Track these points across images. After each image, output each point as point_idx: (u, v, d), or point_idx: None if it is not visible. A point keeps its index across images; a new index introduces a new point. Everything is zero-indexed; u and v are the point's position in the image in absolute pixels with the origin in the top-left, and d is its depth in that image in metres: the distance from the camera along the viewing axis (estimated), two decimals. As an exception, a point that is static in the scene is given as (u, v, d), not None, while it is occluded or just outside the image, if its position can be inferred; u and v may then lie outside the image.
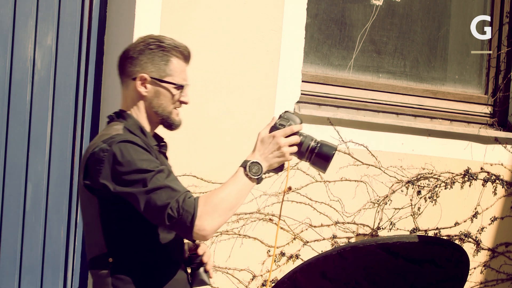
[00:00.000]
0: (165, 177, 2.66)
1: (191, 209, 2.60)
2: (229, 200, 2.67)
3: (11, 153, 4.51)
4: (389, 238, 3.10)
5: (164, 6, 4.56)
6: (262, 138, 2.79)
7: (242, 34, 4.75)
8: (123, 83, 2.89)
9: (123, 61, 2.87)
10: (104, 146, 2.71)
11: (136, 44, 2.85)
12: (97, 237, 2.76)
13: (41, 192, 4.57)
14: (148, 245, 2.77)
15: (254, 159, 2.75)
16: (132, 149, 2.69)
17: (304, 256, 4.97)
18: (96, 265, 2.78)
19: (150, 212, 2.63)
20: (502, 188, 5.46)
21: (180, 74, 2.87)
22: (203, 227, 2.62)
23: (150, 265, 2.76)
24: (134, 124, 2.84)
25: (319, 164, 2.86)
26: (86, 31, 4.64)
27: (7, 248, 4.52)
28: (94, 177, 2.71)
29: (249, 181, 2.72)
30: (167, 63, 2.84)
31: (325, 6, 5.21)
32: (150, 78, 2.83)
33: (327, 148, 2.85)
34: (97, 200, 2.74)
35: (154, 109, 2.86)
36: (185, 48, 2.88)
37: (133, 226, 2.74)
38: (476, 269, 5.41)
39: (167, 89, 2.85)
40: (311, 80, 5.09)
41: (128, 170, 2.65)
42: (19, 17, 4.50)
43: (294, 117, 2.86)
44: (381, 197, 5.16)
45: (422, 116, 5.36)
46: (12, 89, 4.50)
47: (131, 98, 2.86)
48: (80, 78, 4.62)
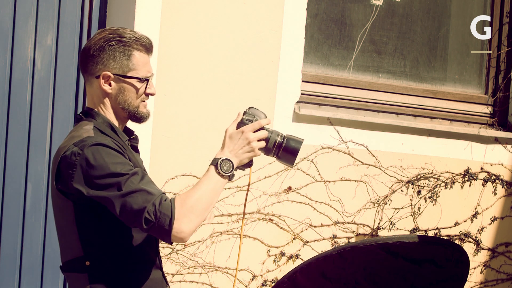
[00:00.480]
0: (139, 179, 2.63)
1: (169, 212, 2.58)
2: (204, 200, 2.64)
3: (11, 153, 4.51)
4: (389, 238, 3.10)
5: (164, 6, 4.56)
6: (230, 134, 2.76)
7: (242, 34, 4.75)
8: (87, 81, 2.84)
9: (84, 59, 2.82)
10: (76, 149, 2.67)
11: (96, 40, 2.80)
12: (73, 241, 2.73)
13: (41, 192, 4.57)
14: (123, 246, 2.74)
15: (224, 156, 2.72)
16: (104, 152, 2.66)
17: (304, 256, 4.97)
18: (72, 268, 2.76)
19: (126, 216, 2.60)
20: (502, 188, 5.46)
21: (143, 67, 2.82)
22: (181, 230, 2.58)
23: (127, 266, 2.75)
24: (104, 123, 2.81)
25: (286, 159, 2.85)
26: (86, 31, 4.64)
27: (7, 248, 4.52)
28: (67, 181, 2.67)
29: (221, 179, 2.70)
30: (129, 58, 2.80)
31: (325, 6, 5.21)
32: (113, 75, 2.79)
33: (294, 143, 2.84)
34: (71, 204, 2.71)
35: (121, 105, 2.82)
36: (146, 39, 2.83)
37: (109, 228, 2.72)
38: (476, 269, 5.41)
39: (131, 84, 2.81)
40: (311, 80, 5.09)
41: (102, 174, 2.62)
42: (19, 17, 4.50)
43: (259, 112, 2.84)
44: (381, 197, 5.16)
45: (422, 116, 5.36)
46: (12, 89, 4.50)
47: (97, 96, 2.83)
48: (80, 78, 4.63)
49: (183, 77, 4.64)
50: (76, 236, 2.72)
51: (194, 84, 4.67)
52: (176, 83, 4.63)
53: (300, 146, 2.83)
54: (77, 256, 2.73)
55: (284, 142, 2.84)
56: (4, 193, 4.51)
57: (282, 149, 2.83)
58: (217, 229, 4.75)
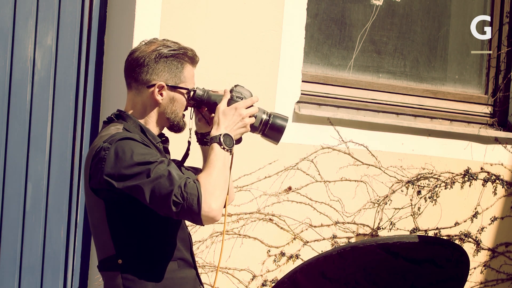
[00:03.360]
0: (165, 166, 2.70)
1: (195, 191, 2.65)
2: (221, 177, 2.72)
3: (11, 153, 4.51)
4: (389, 238, 3.10)
5: (164, 6, 4.56)
6: (223, 111, 2.85)
7: (242, 34, 4.76)
8: (134, 89, 2.92)
9: (135, 68, 2.89)
10: (105, 145, 2.74)
11: (149, 51, 2.89)
12: (105, 239, 2.79)
13: (41, 192, 4.57)
14: (156, 244, 2.79)
15: (221, 132, 2.81)
16: (132, 144, 2.73)
17: (304, 256, 4.97)
18: (106, 266, 2.81)
19: (156, 202, 2.67)
20: (502, 188, 5.46)
21: (191, 80, 2.94)
22: (210, 208, 2.65)
23: (159, 264, 2.79)
24: (134, 124, 2.88)
25: (272, 136, 2.93)
26: (86, 31, 4.64)
27: (7, 248, 4.52)
28: (98, 176, 2.73)
29: (227, 154, 2.79)
30: (182, 71, 2.91)
31: (325, 6, 5.21)
32: (166, 86, 2.89)
33: (280, 120, 2.92)
34: (103, 203, 2.77)
35: (167, 115, 2.92)
36: (195, 54, 2.96)
37: (140, 227, 2.78)
38: (476, 269, 5.41)
39: (182, 95, 2.92)
40: (311, 80, 5.09)
41: (130, 163, 2.69)
42: (19, 17, 4.50)
43: (245, 90, 2.93)
44: (381, 197, 5.16)
45: (422, 116, 5.36)
46: (12, 89, 4.50)
47: (142, 103, 2.91)
48: (80, 78, 4.63)
49: (183, 77, 4.64)
50: (108, 234, 2.78)
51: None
52: (176, 83, 4.62)
53: (286, 124, 2.91)
54: (110, 254, 2.79)
55: (271, 119, 2.92)
56: (4, 193, 4.51)
57: (268, 126, 2.91)
58: (217, 229, 4.75)
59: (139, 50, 2.90)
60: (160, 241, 2.80)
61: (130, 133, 2.83)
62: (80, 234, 4.64)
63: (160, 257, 2.80)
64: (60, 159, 4.59)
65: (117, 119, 2.92)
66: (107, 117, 2.96)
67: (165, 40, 2.94)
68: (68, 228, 4.62)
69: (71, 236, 4.62)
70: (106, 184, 2.72)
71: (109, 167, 2.70)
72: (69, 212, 4.62)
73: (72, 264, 4.62)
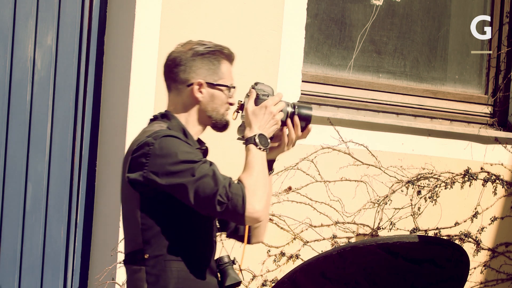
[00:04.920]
0: (209, 166, 2.74)
1: (239, 191, 2.69)
2: (261, 176, 2.76)
3: (11, 153, 4.50)
4: (389, 238, 3.10)
5: (164, 6, 4.56)
6: (253, 111, 2.89)
7: (242, 34, 4.76)
8: (174, 89, 2.95)
9: (173, 69, 2.93)
10: (149, 140, 2.78)
11: (185, 51, 2.93)
12: (134, 233, 2.82)
13: (41, 192, 4.57)
14: (184, 246, 2.81)
15: (255, 132, 2.85)
16: (177, 142, 2.77)
17: (304, 256, 4.97)
18: (132, 260, 2.84)
19: (199, 200, 2.70)
20: (502, 188, 5.46)
21: (229, 76, 2.97)
22: (254, 209, 2.70)
23: (184, 265, 2.81)
24: (177, 126, 2.91)
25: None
26: (86, 31, 4.64)
27: (7, 248, 4.52)
28: (139, 170, 2.76)
29: (263, 153, 2.83)
30: (219, 67, 2.94)
31: (325, 6, 5.21)
32: (205, 83, 2.91)
33: (304, 110, 2.95)
34: (139, 196, 2.79)
35: (208, 113, 2.94)
36: (230, 51, 2.99)
37: (172, 225, 2.80)
38: (476, 269, 5.41)
39: (221, 91, 2.94)
40: (311, 80, 5.10)
41: (175, 161, 2.72)
42: (19, 17, 4.50)
43: (266, 86, 2.95)
44: (381, 197, 5.16)
45: (422, 116, 5.36)
46: (12, 89, 4.50)
47: (183, 102, 2.94)
48: (80, 78, 4.62)
49: (183, 77, 4.64)
50: (138, 228, 2.80)
51: (194, 84, 4.67)
52: (176, 83, 4.62)
53: (311, 112, 2.94)
54: (137, 248, 2.81)
55: (296, 110, 2.95)
56: (4, 193, 4.51)
57: (295, 118, 2.94)
58: (217, 229, 4.75)
59: (176, 51, 2.96)
60: (189, 244, 2.82)
61: (174, 131, 2.86)
62: (80, 234, 4.64)
63: (187, 258, 2.81)
64: (60, 159, 4.59)
65: (162, 118, 2.95)
66: (153, 115, 3.00)
67: (200, 40, 2.99)
68: (68, 228, 4.62)
69: (71, 236, 4.62)
70: (147, 178, 2.75)
71: (153, 163, 2.74)
72: (69, 212, 4.62)
73: (72, 264, 4.62)
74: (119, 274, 4.49)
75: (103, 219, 4.62)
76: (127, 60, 4.54)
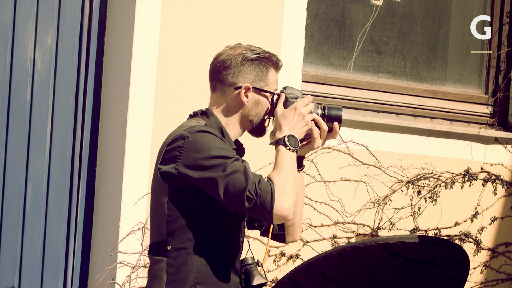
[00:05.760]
0: (241, 163, 2.77)
1: (268, 188, 2.72)
2: (291, 176, 2.79)
3: (11, 153, 4.51)
4: (389, 238, 3.10)
5: (164, 6, 4.56)
6: (282, 114, 2.93)
7: (242, 34, 4.75)
8: (219, 90, 3.00)
9: (221, 70, 2.99)
10: (185, 133, 2.81)
11: (235, 55, 2.98)
12: (160, 224, 2.84)
13: (41, 192, 4.57)
14: (209, 241, 2.83)
15: (285, 134, 2.88)
16: (211, 137, 2.81)
17: (304, 256, 4.97)
18: (155, 250, 2.87)
19: (229, 195, 2.73)
20: (502, 188, 5.46)
21: (274, 83, 3.03)
22: (283, 207, 2.72)
23: (207, 261, 2.83)
24: (216, 124, 2.94)
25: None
26: (86, 31, 4.64)
27: (7, 248, 4.52)
28: (172, 162, 2.80)
29: (293, 154, 2.86)
30: (267, 74, 3.00)
31: (325, 6, 5.21)
32: (252, 88, 2.96)
33: (334, 111, 3.00)
34: (168, 188, 2.82)
35: (251, 117, 2.99)
36: (278, 59, 3.05)
37: (198, 219, 2.82)
38: (476, 269, 5.41)
39: (266, 97, 2.99)
40: (311, 80, 5.10)
41: (208, 155, 2.76)
42: (19, 17, 4.51)
43: (295, 90, 3.01)
44: (381, 197, 5.16)
45: (422, 116, 5.36)
46: (12, 89, 4.50)
47: (226, 105, 2.98)
48: (80, 78, 4.63)
49: (183, 77, 4.64)
50: (164, 219, 2.83)
51: (194, 84, 4.67)
52: (176, 83, 4.63)
53: (341, 113, 2.99)
54: (161, 239, 2.84)
55: (326, 112, 3.00)
56: (4, 193, 4.51)
57: (325, 119, 2.99)
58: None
59: (225, 53, 3.01)
60: (213, 240, 2.84)
61: (210, 128, 2.89)
62: (80, 234, 4.64)
63: (209, 254, 2.83)
64: (60, 159, 4.59)
65: (201, 115, 2.99)
66: (192, 112, 3.03)
67: (249, 45, 3.03)
68: (68, 228, 4.62)
69: (71, 236, 4.62)
70: (179, 171, 2.78)
71: (186, 156, 2.77)
72: (69, 212, 4.62)
73: (72, 264, 4.62)
74: (119, 274, 4.49)
75: (103, 219, 4.62)
76: (127, 60, 4.54)
